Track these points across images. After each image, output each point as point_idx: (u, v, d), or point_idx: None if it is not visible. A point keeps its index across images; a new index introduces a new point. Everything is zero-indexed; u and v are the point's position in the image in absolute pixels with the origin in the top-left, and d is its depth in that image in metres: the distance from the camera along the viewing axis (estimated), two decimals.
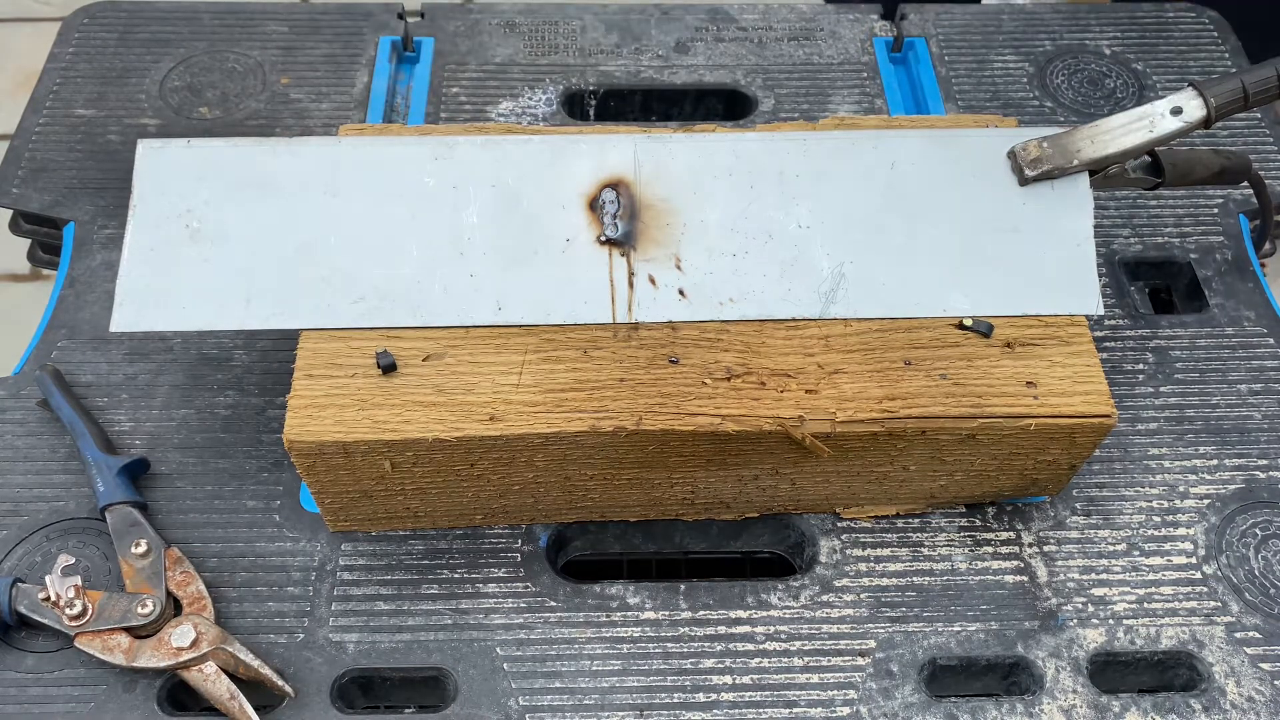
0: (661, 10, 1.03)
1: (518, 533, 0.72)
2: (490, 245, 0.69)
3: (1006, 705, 0.66)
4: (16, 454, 0.74)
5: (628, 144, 0.72)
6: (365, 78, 0.96)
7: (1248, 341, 0.82)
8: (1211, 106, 0.71)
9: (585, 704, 0.66)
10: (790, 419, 0.64)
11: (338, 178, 0.70)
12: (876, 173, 0.72)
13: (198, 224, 0.68)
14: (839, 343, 0.67)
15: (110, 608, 0.65)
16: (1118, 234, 0.88)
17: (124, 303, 0.67)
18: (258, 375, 0.78)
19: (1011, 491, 0.72)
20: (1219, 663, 0.68)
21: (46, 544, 0.70)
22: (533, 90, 0.96)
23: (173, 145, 0.71)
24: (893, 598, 0.70)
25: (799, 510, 0.73)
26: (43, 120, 0.92)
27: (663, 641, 0.68)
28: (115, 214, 0.86)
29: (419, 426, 0.63)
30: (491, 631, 0.68)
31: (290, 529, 0.72)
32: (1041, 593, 0.70)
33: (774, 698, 0.66)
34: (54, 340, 0.79)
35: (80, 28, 0.98)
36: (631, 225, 0.70)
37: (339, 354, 0.65)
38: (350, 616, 0.68)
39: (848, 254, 0.70)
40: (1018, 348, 0.67)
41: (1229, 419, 0.78)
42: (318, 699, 0.65)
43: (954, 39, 1.01)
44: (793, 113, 0.96)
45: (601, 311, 0.67)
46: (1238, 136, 0.95)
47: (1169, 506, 0.74)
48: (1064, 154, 0.71)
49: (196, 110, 0.93)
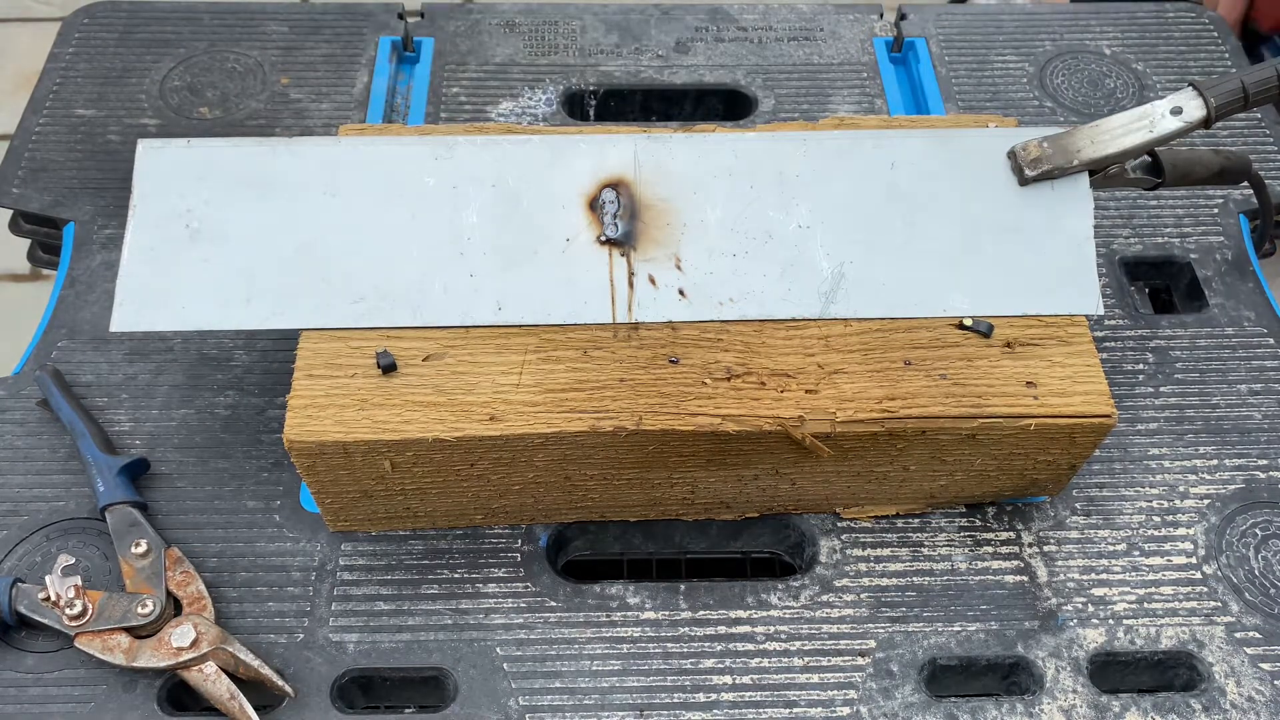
0: (661, 10, 1.03)
1: (518, 533, 0.72)
2: (490, 245, 0.69)
3: (1006, 705, 0.66)
4: (16, 454, 0.74)
5: (628, 144, 0.72)
6: (365, 78, 0.96)
7: (1248, 341, 0.82)
8: (1211, 107, 0.71)
9: (585, 704, 0.66)
10: (790, 419, 0.64)
11: (338, 178, 0.70)
12: (876, 173, 0.72)
13: (198, 224, 0.68)
14: (839, 343, 0.67)
15: (110, 608, 0.65)
16: (1118, 234, 0.88)
17: (124, 302, 0.67)
18: (258, 375, 0.78)
19: (1011, 491, 0.72)
20: (1219, 663, 0.68)
21: (46, 544, 0.70)
22: (533, 90, 0.96)
23: (173, 145, 0.71)
24: (893, 598, 0.70)
25: (799, 510, 0.73)
26: (43, 120, 0.92)
27: (663, 641, 0.68)
28: (115, 214, 0.86)
29: (419, 426, 0.63)
30: (491, 631, 0.68)
31: (290, 529, 0.72)
32: (1041, 593, 0.70)
33: (774, 698, 0.66)
34: (54, 340, 0.79)
35: (80, 28, 0.98)
36: (631, 225, 0.70)
37: (339, 354, 0.65)
38: (350, 616, 0.68)
39: (848, 254, 0.70)
40: (1018, 348, 0.67)
41: (1229, 419, 0.78)
42: (318, 699, 0.65)
43: (954, 39, 1.01)
44: (793, 113, 0.96)
45: (601, 311, 0.67)
46: (1238, 136, 0.95)
47: (1169, 506, 0.74)
48: (1064, 154, 0.71)
49: (196, 110, 0.93)
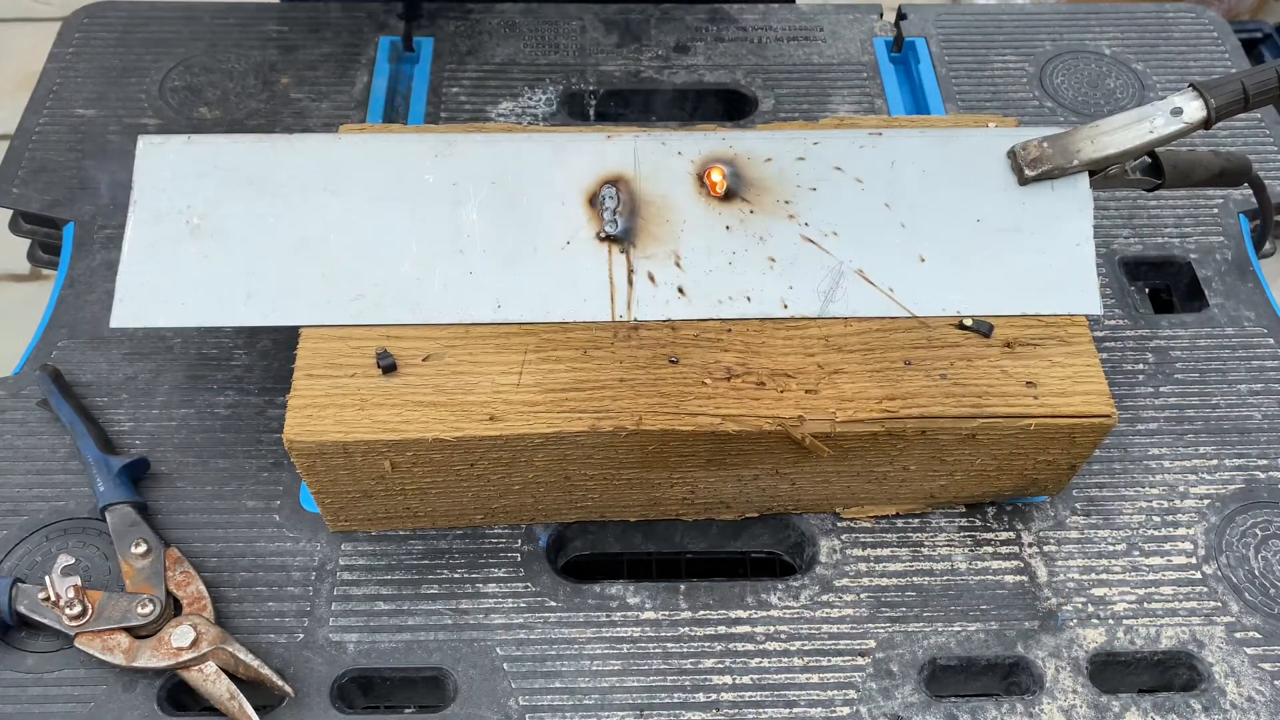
0: (661, 10, 1.03)
1: (518, 533, 0.72)
2: (490, 242, 0.69)
3: (1006, 705, 0.66)
4: (16, 454, 0.74)
5: (628, 141, 0.72)
6: (365, 78, 0.96)
7: (1248, 341, 0.82)
8: (1212, 107, 0.71)
9: (585, 704, 0.65)
10: (790, 419, 0.64)
11: (338, 175, 0.70)
12: (876, 172, 0.72)
13: (198, 220, 0.68)
14: (839, 343, 0.67)
15: (110, 608, 0.65)
16: (1118, 234, 0.88)
17: (124, 299, 0.67)
18: (258, 375, 0.78)
19: (1011, 491, 0.72)
20: (1219, 663, 0.68)
21: (46, 544, 0.70)
22: (533, 90, 0.96)
23: (173, 141, 0.71)
24: (893, 598, 0.70)
25: (799, 510, 0.73)
26: (43, 120, 0.92)
27: (663, 641, 0.68)
28: (115, 214, 0.86)
29: (419, 426, 0.63)
30: (491, 631, 0.68)
31: (290, 529, 0.72)
32: (1041, 593, 0.70)
33: (774, 698, 0.66)
34: (54, 340, 0.79)
35: (80, 28, 0.98)
36: (631, 222, 0.70)
37: (339, 354, 0.65)
38: (350, 616, 0.68)
39: (848, 254, 0.70)
40: (1018, 348, 0.67)
41: (1229, 419, 0.78)
42: (318, 699, 0.65)
43: (954, 39, 1.01)
44: (793, 113, 0.96)
45: (601, 309, 0.67)
46: (1238, 137, 0.95)
47: (1169, 506, 0.74)
48: (1064, 154, 0.71)
49: (196, 110, 0.93)
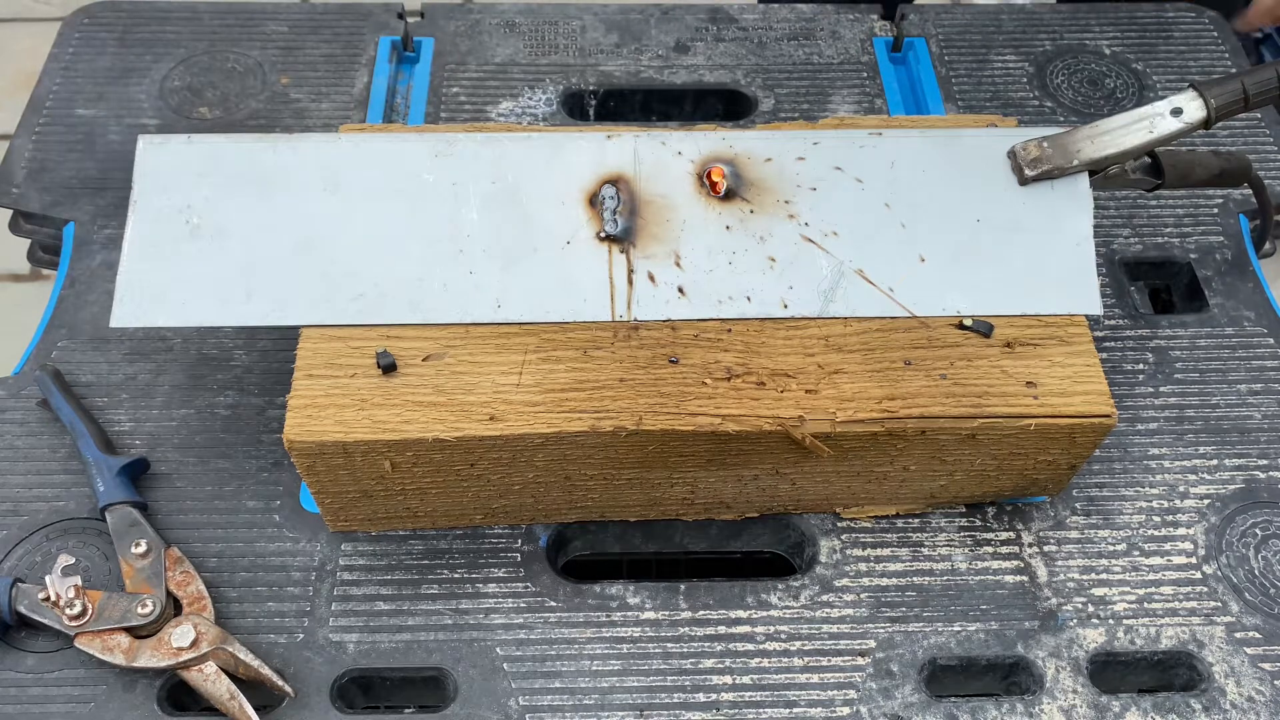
0: (661, 10, 1.03)
1: (518, 533, 0.72)
2: (490, 242, 0.69)
3: (1006, 705, 0.66)
4: (16, 454, 0.74)
5: (628, 141, 0.72)
6: (365, 78, 0.96)
7: (1248, 341, 0.82)
8: (1211, 108, 0.71)
9: (585, 704, 0.65)
10: (790, 419, 0.64)
11: (338, 174, 0.70)
12: (876, 172, 0.72)
13: (198, 220, 0.68)
14: (839, 342, 0.67)
15: (110, 608, 0.65)
16: (1118, 234, 0.88)
17: (124, 298, 0.67)
18: (258, 375, 0.78)
19: (1011, 491, 0.72)
20: (1219, 663, 0.68)
21: (46, 544, 0.70)
22: (533, 90, 0.96)
23: (173, 141, 0.71)
24: (893, 598, 0.70)
25: (799, 510, 0.73)
26: (43, 120, 0.92)
27: (663, 641, 0.68)
28: (115, 214, 0.86)
29: (419, 426, 0.63)
30: (491, 631, 0.68)
31: (290, 529, 0.72)
32: (1041, 593, 0.70)
33: (774, 698, 0.66)
34: (54, 340, 0.79)
35: (80, 28, 0.98)
36: (631, 221, 0.70)
37: (339, 354, 0.65)
38: (350, 616, 0.68)
39: (848, 254, 0.70)
40: (1018, 348, 0.67)
41: (1229, 419, 0.78)
42: (318, 699, 0.65)
43: (954, 39, 1.01)
44: (793, 113, 0.96)
45: (601, 309, 0.67)
46: (1238, 137, 0.95)
47: (1169, 506, 0.74)
48: (1064, 154, 0.71)
49: (196, 110, 0.93)
